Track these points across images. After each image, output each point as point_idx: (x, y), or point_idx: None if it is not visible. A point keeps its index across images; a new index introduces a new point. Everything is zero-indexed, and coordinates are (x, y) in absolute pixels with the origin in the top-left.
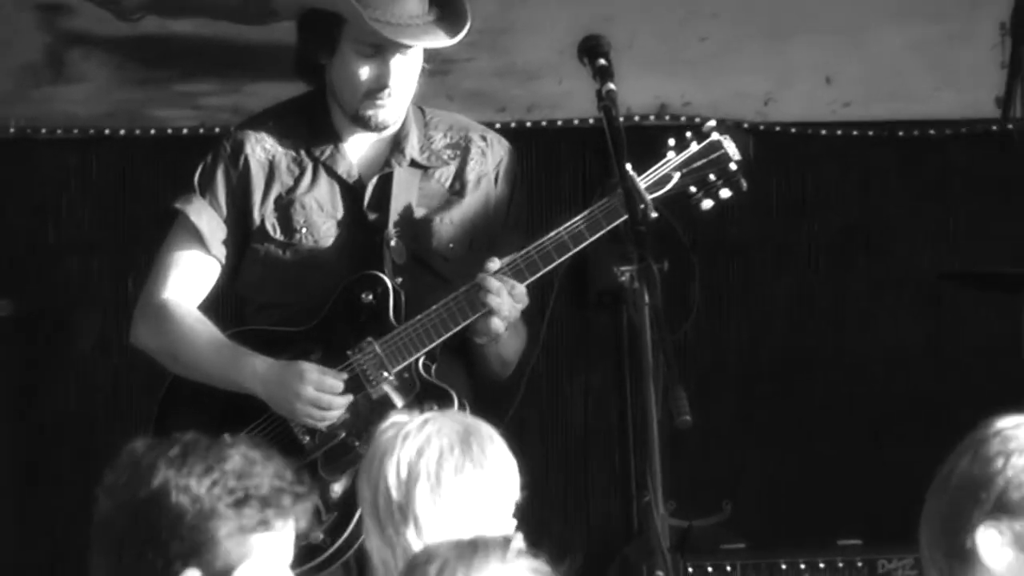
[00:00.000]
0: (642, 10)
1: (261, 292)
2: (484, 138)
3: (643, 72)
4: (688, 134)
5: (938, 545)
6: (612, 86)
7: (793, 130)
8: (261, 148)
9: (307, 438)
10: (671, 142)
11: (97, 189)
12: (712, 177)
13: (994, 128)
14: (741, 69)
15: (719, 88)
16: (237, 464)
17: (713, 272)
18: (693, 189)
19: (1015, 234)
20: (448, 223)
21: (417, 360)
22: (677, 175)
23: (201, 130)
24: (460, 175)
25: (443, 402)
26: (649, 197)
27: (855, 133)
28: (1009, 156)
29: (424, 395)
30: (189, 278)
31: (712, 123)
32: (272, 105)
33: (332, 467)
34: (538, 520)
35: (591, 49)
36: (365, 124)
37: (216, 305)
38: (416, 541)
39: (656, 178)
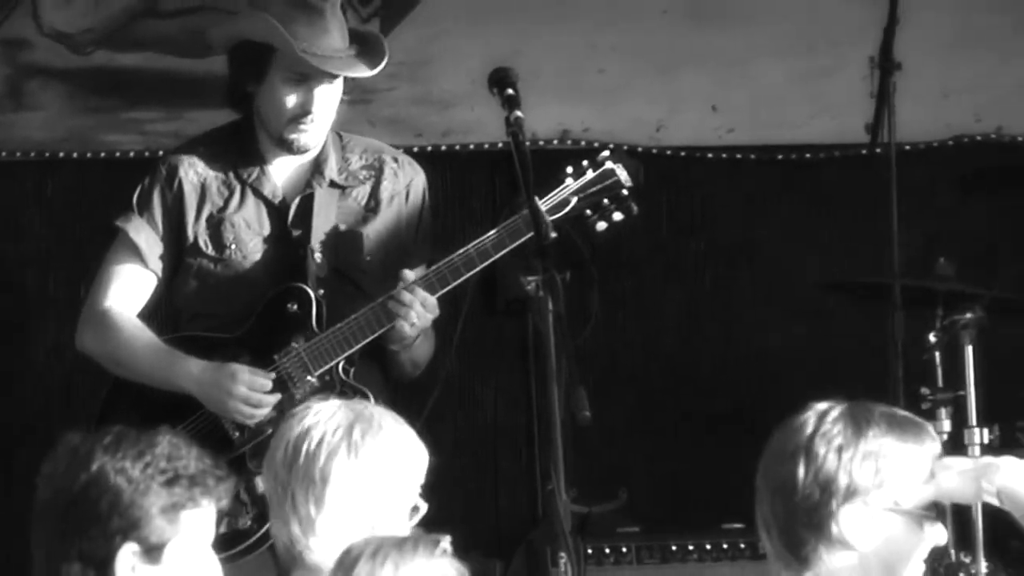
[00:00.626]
0: (547, 45)
1: (194, 302)
2: (396, 160)
3: (547, 101)
4: (584, 162)
5: (797, 541)
6: (519, 113)
7: (683, 154)
8: (194, 171)
9: (236, 433)
10: (569, 169)
11: (53, 207)
12: (606, 202)
13: (864, 152)
14: (636, 99)
15: (616, 116)
16: (165, 448)
17: (610, 283)
18: (588, 212)
19: (881, 247)
20: (364, 238)
21: (337, 364)
22: (574, 199)
23: (146, 153)
24: (375, 194)
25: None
26: (549, 219)
27: (739, 156)
28: (877, 177)
29: (343, 396)
30: (129, 289)
31: (606, 152)
32: (204, 132)
33: (259, 460)
34: (449, 508)
35: (500, 80)
36: (289, 147)
37: (154, 313)
38: (295, 523)
39: (555, 202)
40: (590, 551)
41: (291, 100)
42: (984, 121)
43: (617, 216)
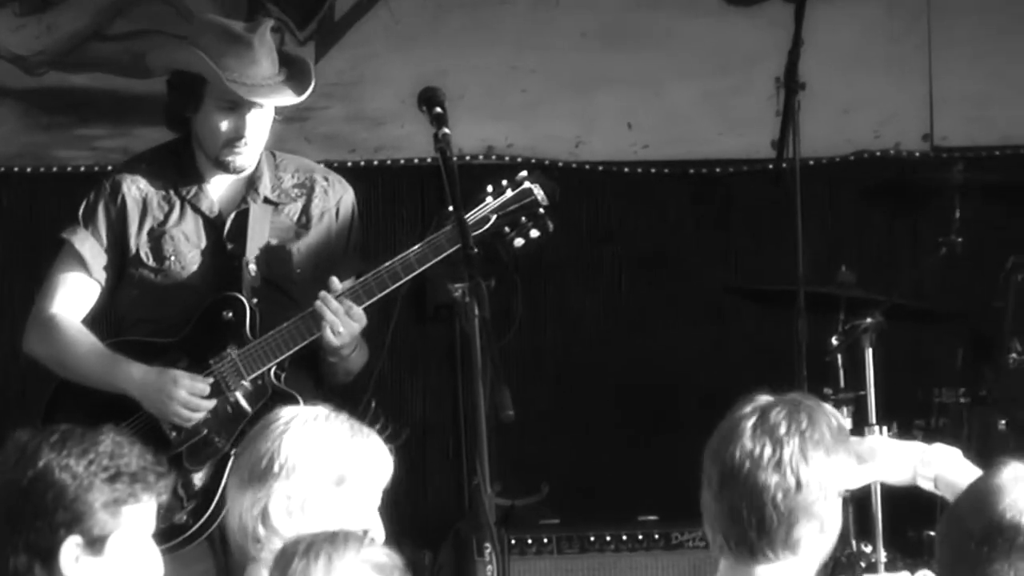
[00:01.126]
0: (472, 66)
1: (135, 309)
2: (326, 179)
3: (473, 119)
4: (504, 182)
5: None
6: (447, 130)
7: (600, 168)
8: (136, 188)
9: (174, 434)
10: (489, 188)
11: (8, 218)
12: (523, 219)
13: (770, 167)
14: (555, 116)
15: (537, 132)
16: (108, 447)
17: (533, 289)
18: (507, 229)
19: (786, 255)
20: (296, 252)
21: (269, 369)
22: (494, 217)
23: (96, 168)
24: (306, 210)
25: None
26: (471, 234)
27: (652, 171)
28: (782, 190)
29: (273, 400)
30: (73, 296)
31: (524, 173)
32: (145, 150)
33: (195, 459)
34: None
35: (429, 99)
36: (225, 168)
37: (98, 319)
38: (254, 520)
39: (476, 219)
40: (513, 542)
41: (225, 125)
42: (883, 137)
43: (534, 233)
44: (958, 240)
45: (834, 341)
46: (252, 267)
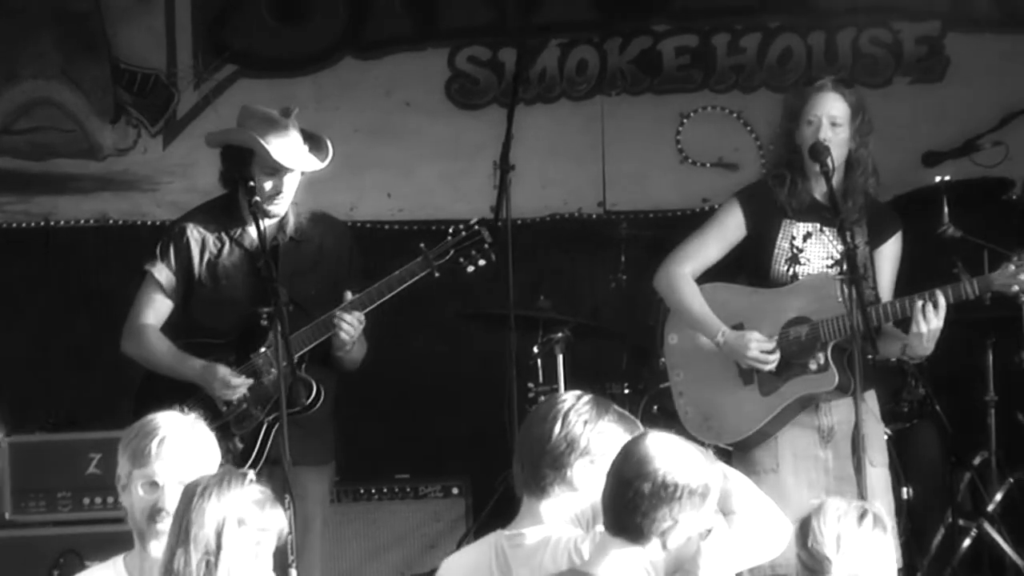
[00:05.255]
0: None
1: (198, 319)
2: (333, 222)
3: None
4: (461, 226)
5: (541, 476)
6: (257, 199)
7: (368, 225)
8: (196, 231)
9: (224, 408)
10: (450, 230)
11: None
12: (474, 252)
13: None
14: (335, 189)
15: (323, 201)
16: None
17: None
18: (461, 260)
19: (502, 289)
20: (311, 278)
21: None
22: (452, 251)
23: (3, 225)
24: (321, 246)
25: (308, 387)
26: (436, 263)
27: (406, 228)
28: (498, 242)
29: (296, 384)
30: (154, 311)
31: (475, 219)
32: (202, 203)
33: (239, 426)
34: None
35: (247, 180)
36: (266, 214)
37: (170, 326)
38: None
39: (439, 252)
40: None
41: (268, 185)
42: (569, 203)
43: (481, 261)
44: (623, 277)
45: (535, 350)
46: (280, 289)
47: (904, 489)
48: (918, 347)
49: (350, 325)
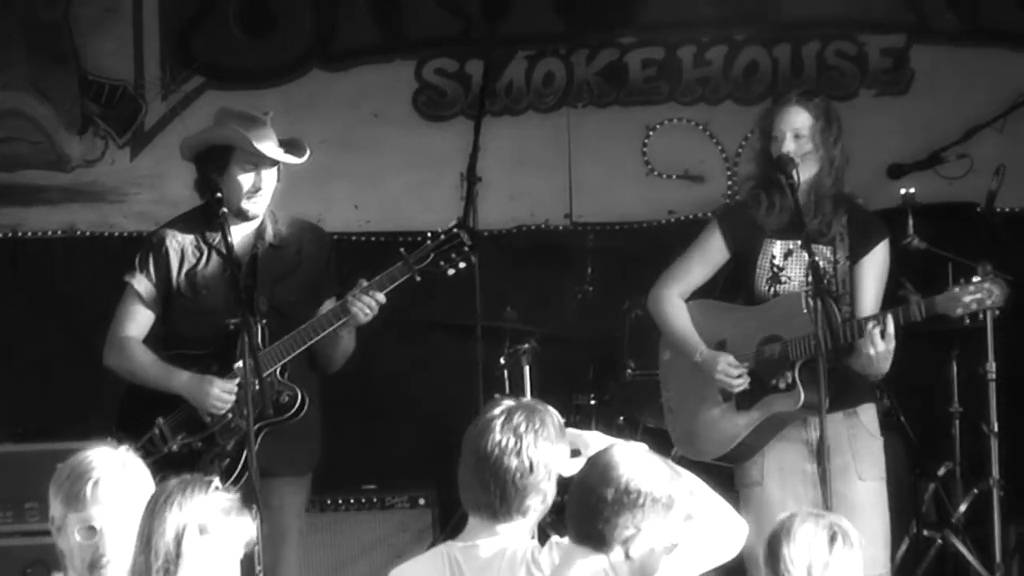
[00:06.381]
0: None
1: (179, 330)
2: (312, 228)
3: None
4: (440, 230)
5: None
6: (225, 210)
7: (336, 236)
8: (175, 240)
9: (208, 419)
10: (429, 234)
11: None
12: (454, 255)
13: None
14: (304, 200)
15: (292, 210)
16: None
17: None
18: (442, 263)
19: (469, 299)
20: (291, 284)
21: (276, 370)
22: (432, 255)
23: None
24: (299, 251)
25: (291, 393)
26: (416, 268)
27: (373, 239)
28: (474, 254)
29: (280, 390)
30: (135, 322)
31: (454, 222)
32: (181, 213)
33: (224, 436)
34: None
35: (216, 190)
36: (244, 216)
37: (152, 337)
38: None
39: (419, 256)
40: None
41: (247, 181)
42: (536, 215)
43: (462, 264)
44: (590, 288)
45: (502, 360)
46: (261, 297)
47: None
48: (869, 367)
49: (366, 305)
